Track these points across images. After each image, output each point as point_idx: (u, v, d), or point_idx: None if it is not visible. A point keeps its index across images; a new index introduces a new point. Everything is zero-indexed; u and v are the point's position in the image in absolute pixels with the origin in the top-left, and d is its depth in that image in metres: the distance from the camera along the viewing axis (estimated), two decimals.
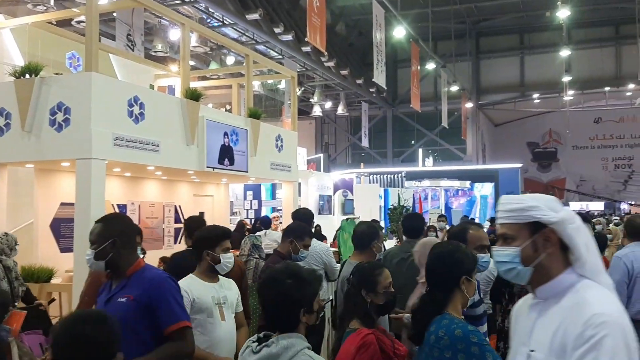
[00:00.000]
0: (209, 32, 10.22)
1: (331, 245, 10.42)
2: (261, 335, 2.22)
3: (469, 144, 29.85)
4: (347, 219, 8.76)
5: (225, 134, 8.15)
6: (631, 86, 26.40)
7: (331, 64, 21.20)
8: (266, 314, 2.24)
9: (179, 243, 9.72)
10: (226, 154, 8.12)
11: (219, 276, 3.57)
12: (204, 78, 17.02)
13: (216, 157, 7.95)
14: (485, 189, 24.16)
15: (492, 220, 19.93)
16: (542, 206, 1.84)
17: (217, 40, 11.59)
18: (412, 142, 32.13)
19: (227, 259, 3.48)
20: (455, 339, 2.30)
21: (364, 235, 4.15)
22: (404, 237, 4.94)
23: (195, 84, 10.52)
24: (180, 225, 9.80)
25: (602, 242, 6.70)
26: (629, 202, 35.55)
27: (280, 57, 19.64)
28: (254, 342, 2.21)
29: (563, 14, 18.64)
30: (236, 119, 8.81)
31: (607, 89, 29.00)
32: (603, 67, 29.32)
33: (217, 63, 18.29)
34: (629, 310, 3.91)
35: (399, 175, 23.19)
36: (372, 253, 4.11)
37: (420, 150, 28.36)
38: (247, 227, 10.27)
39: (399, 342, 2.88)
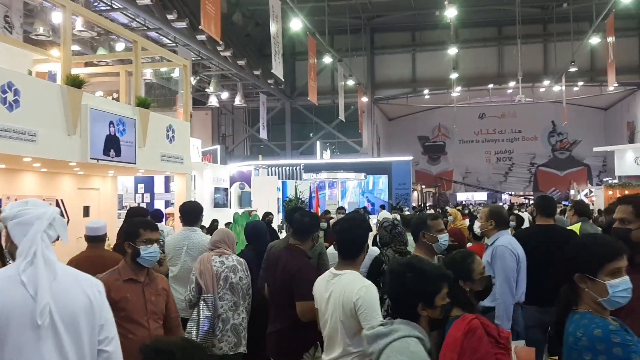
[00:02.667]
0: (93, 16, 9.63)
1: None
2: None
3: (364, 137, 30.65)
4: (242, 212, 8.65)
5: (111, 123, 7.74)
6: (512, 84, 28.22)
7: (227, 53, 20.86)
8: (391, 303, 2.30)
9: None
10: (112, 145, 7.72)
11: None
12: (91, 64, 16.11)
13: (101, 147, 7.54)
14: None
15: (383, 207, 20.52)
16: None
17: (102, 25, 10.99)
18: (311, 134, 32.47)
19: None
20: (594, 340, 2.14)
21: (412, 228, 4.06)
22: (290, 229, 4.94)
23: (79, 70, 9.90)
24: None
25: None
26: (509, 193, 38.22)
27: (174, 44, 19.04)
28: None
29: (451, 13, 19.49)
30: (123, 108, 8.39)
31: (490, 86, 30.89)
32: (487, 65, 31.21)
33: (106, 49, 17.37)
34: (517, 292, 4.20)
35: (297, 167, 23.31)
36: (428, 244, 3.94)
37: (318, 143, 28.72)
38: None
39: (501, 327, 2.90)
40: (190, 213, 5.09)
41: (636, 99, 30.24)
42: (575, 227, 5.20)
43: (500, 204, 32.69)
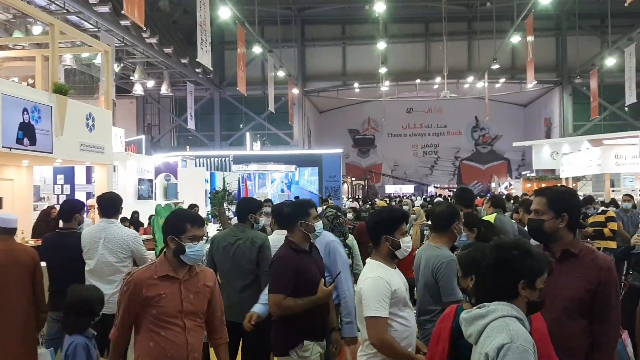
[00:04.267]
0: None
1: (145, 232, 9.97)
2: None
3: (295, 129, 30.62)
4: (165, 204, 8.43)
5: (25, 110, 7.33)
6: (438, 80, 29.01)
7: (153, 40, 20.26)
8: (484, 284, 2.24)
9: None
10: (26, 133, 7.32)
11: None
12: (5, 48, 15.20)
13: (14, 135, 7.13)
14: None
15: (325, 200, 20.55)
16: None
17: (17, 7, 10.38)
18: (241, 125, 32.12)
19: (406, 243, 3.22)
20: None
21: (444, 216, 3.81)
22: (235, 221, 4.89)
23: None
24: None
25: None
26: (435, 185, 39.39)
27: (96, 30, 18.29)
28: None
29: (379, 8, 19.73)
30: (39, 94, 7.98)
31: (417, 81, 31.57)
32: (414, 61, 31.88)
33: (22, 32, 16.43)
34: None
35: (227, 158, 22.96)
36: (454, 235, 3.79)
37: (248, 134, 28.42)
38: (53, 214, 9.38)
39: None
40: (108, 204, 4.90)
41: (553, 96, 31.83)
42: (491, 218, 5.43)
43: (425, 195, 33.67)
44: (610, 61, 23.03)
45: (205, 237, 3.28)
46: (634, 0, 13.63)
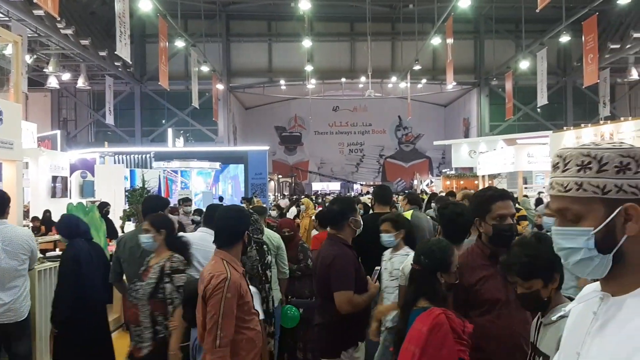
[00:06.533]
0: None
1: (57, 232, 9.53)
2: None
3: (220, 126, 30.18)
4: (77, 203, 8.05)
5: None
6: (363, 79, 29.41)
7: (69, 31, 19.36)
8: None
9: None
10: None
11: None
12: None
13: None
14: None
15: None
16: None
17: None
18: (163, 121, 31.27)
19: None
20: None
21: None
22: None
23: None
24: None
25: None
26: (361, 182, 40.04)
27: (7, 19, 17.27)
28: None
29: (304, 5, 19.75)
30: None
31: (343, 80, 31.91)
32: (340, 59, 32.17)
33: None
34: None
35: (147, 155, 22.29)
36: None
37: (170, 130, 27.70)
38: None
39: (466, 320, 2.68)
40: None
41: (471, 97, 33.07)
42: (407, 214, 5.55)
43: (353, 193, 34.14)
44: (524, 64, 24.15)
45: None
46: (545, 6, 14.37)
